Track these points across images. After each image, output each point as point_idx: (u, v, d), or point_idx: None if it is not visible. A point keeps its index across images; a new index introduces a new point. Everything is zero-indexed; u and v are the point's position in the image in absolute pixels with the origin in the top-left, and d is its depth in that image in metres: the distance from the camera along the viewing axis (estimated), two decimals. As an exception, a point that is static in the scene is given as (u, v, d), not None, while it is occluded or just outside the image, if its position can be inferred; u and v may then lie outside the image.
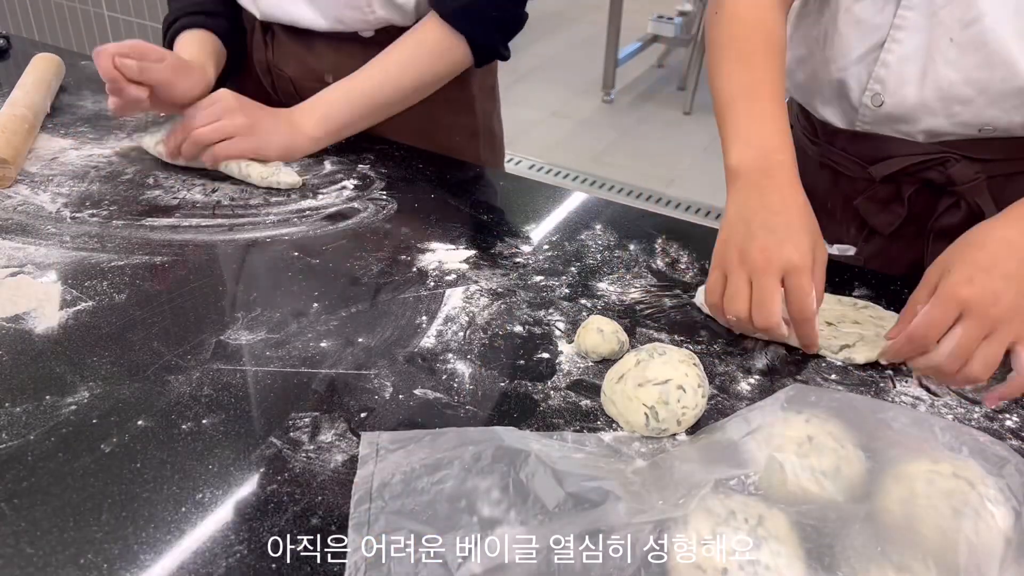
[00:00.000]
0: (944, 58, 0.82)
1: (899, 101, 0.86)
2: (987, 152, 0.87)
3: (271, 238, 0.92)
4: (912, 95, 0.85)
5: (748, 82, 0.82)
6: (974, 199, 0.89)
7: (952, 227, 0.89)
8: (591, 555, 0.52)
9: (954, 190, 0.90)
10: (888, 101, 0.87)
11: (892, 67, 0.85)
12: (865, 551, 0.52)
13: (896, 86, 0.86)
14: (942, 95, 0.84)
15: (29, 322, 0.78)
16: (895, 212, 0.94)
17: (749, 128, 0.79)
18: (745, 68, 0.83)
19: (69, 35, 2.75)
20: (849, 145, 0.95)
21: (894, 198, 0.94)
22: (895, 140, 0.90)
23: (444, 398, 0.70)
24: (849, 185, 0.98)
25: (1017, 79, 0.80)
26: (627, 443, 0.66)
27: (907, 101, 0.86)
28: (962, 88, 0.82)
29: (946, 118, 0.85)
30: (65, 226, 0.93)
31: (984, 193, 0.89)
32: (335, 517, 0.59)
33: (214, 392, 0.70)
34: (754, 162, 0.77)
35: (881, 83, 0.87)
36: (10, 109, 1.08)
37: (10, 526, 0.58)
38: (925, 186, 0.92)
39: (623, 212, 1.00)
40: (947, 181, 0.89)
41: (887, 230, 0.96)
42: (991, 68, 0.80)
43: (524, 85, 3.86)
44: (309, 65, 1.16)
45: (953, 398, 0.72)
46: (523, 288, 0.85)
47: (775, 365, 0.76)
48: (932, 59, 0.83)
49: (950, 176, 0.89)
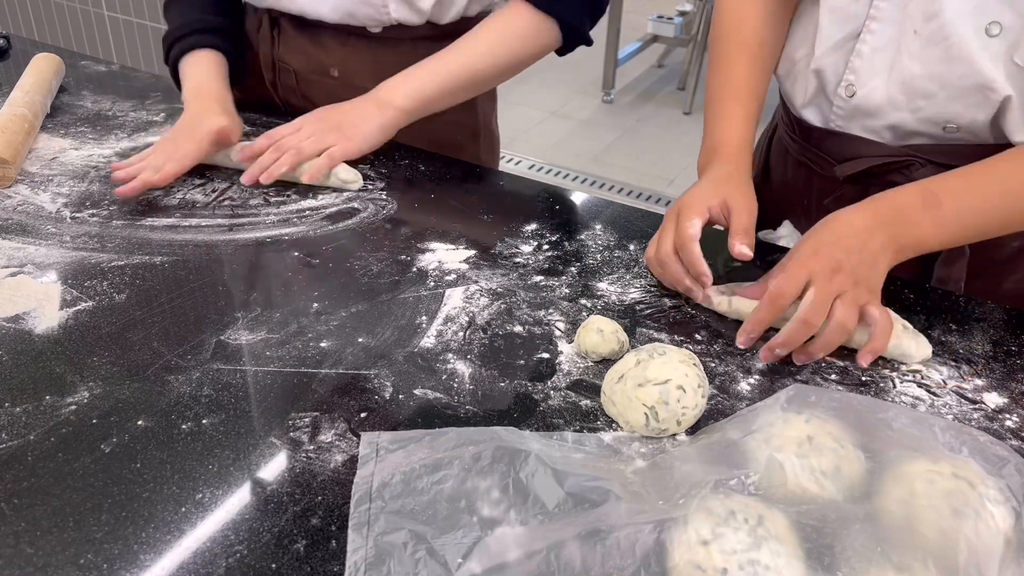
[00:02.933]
0: (909, 51, 0.83)
1: (868, 92, 0.87)
2: (952, 158, 0.87)
3: (271, 238, 0.92)
4: (880, 87, 0.86)
5: (719, 84, 0.93)
6: None
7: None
8: (591, 555, 0.52)
9: None
10: (859, 92, 0.88)
11: (865, 57, 0.86)
12: (865, 551, 0.52)
13: (867, 77, 0.87)
14: (906, 88, 0.85)
15: (29, 322, 0.78)
16: None
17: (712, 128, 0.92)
18: (719, 70, 0.94)
19: (69, 35, 2.75)
20: (821, 143, 0.96)
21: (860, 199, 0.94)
22: (864, 141, 0.91)
23: (444, 398, 0.70)
24: (821, 184, 0.99)
25: (975, 75, 0.80)
26: (627, 443, 0.66)
27: (876, 93, 0.87)
28: (925, 82, 0.83)
29: (910, 112, 0.86)
30: (65, 226, 0.93)
31: None
32: (335, 517, 0.59)
33: (214, 392, 0.70)
34: (704, 162, 0.91)
35: (855, 73, 0.87)
36: (10, 109, 1.08)
37: (10, 526, 0.58)
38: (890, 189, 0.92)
39: (623, 212, 1.00)
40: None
41: None
42: (950, 63, 0.81)
43: (524, 85, 3.86)
44: (315, 59, 1.16)
45: (953, 398, 0.72)
46: (523, 288, 0.85)
47: (775, 365, 0.76)
48: (899, 51, 0.83)
49: (914, 179, 0.89)
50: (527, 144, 3.38)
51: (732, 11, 0.94)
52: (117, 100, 1.24)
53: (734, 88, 0.92)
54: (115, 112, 1.20)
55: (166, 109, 1.22)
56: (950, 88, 0.82)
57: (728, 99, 0.92)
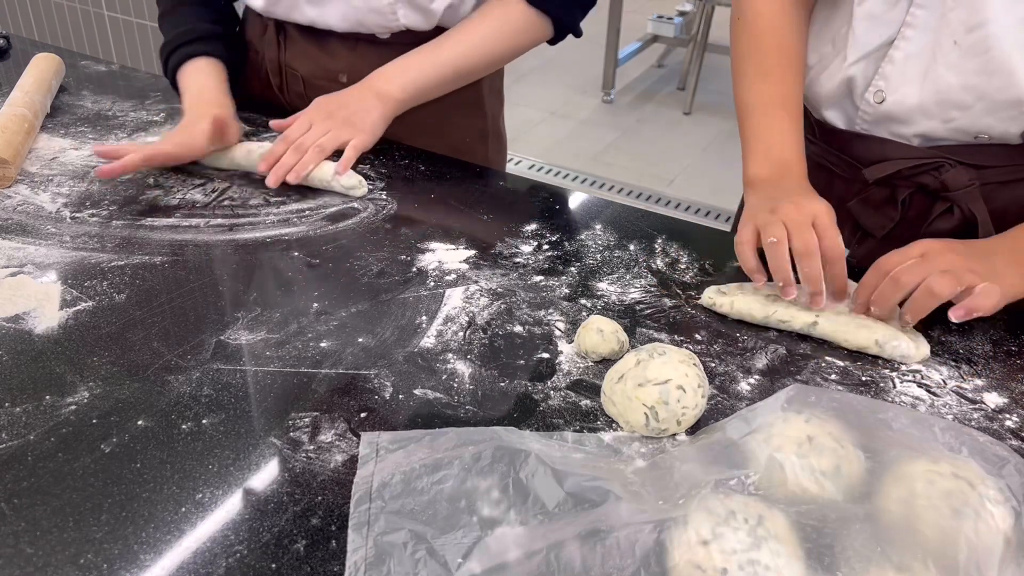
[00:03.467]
0: (946, 60, 0.82)
1: (899, 99, 0.86)
2: (982, 159, 0.87)
3: (271, 238, 0.92)
4: (912, 95, 0.85)
5: (767, 95, 0.88)
6: (968, 205, 0.89)
7: (945, 232, 0.89)
8: (591, 555, 0.52)
9: (948, 196, 0.90)
10: (889, 99, 0.87)
11: (898, 64, 0.85)
12: (865, 551, 0.52)
13: (899, 83, 0.86)
14: (940, 98, 0.84)
15: (29, 322, 0.78)
16: (888, 215, 0.94)
17: (768, 140, 0.86)
18: (763, 80, 0.89)
19: (69, 35, 2.75)
20: (846, 146, 0.95)
21: (888, 201, 0.94)
22: (891, 143, 0.90)
23: (444, 398, 0.70)
24: (843, 187, 0.97)
25: (1015, 89, 0.79)
26: (627, 443, 0.66)
27: (907, 100, 0.86)
28: (960, 93, 0.82)
29: (942, 122, 0.85)
30: (65, 226, 0.93)
31: (978, 200, 0.89)
32: (335, 517, 0.59)
33: (214, 392, 0.70)
34: (769, 175, 0.86)
35: (886, 79, 0.86)
36: (10, 109, 1.08)
37: (10, 526, 0.58)
38: (919, 191, 0.92)
39: (623, 212, 1.00)
40: (941, 187, 0.89)
41: (880, 233, 0.96)
42: (989, 75, 0.80)
43: (524, 85, 3.86)
44: (323, 65, 1.16)
45: (953, 398, 0.72)
46: (523, 288, 0.85)
47: (775, 365, 0.76)
48: (935, 60, 0.82)
49: (944, 182, 0.88)
50: (527, 144, 3.38)
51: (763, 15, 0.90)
52: (117, 100, 1.24)
53: (784, 97, 0.88)
54: (115, 112, 1.20)
55: (166, 109, 1.22)
56: (986, 101, 0.81)
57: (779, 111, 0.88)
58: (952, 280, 0.73)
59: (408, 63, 1.07)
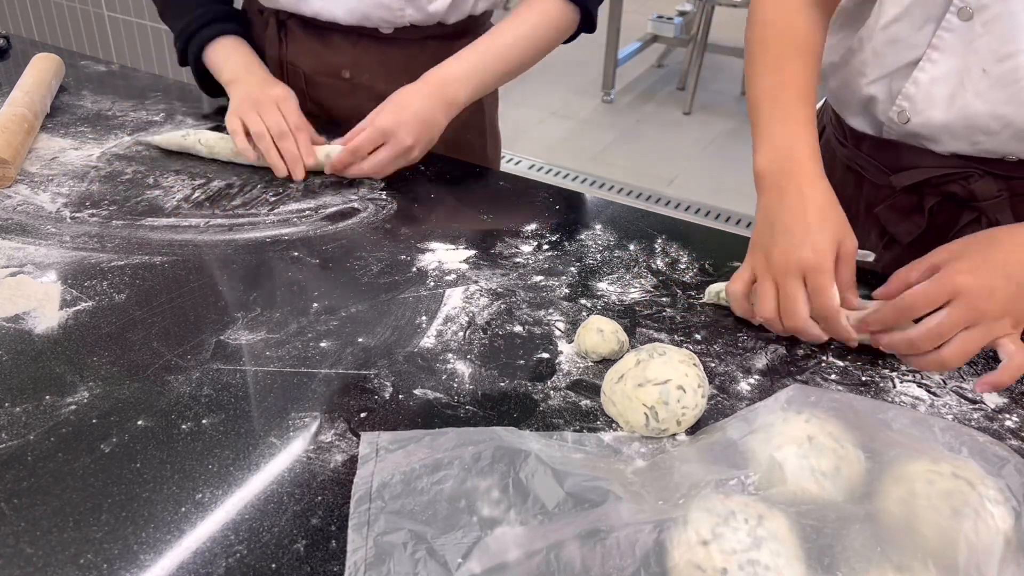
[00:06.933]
0: (975, 88, 0.80)
1: (925, 121, 0.85)
2: (1012, 170, 0.85)
3: (271, 238, 0.92)
4: (938, 117, 0.84)
5: (773, 85, 0.84)
6: (996, 215, 0.88)
7: None
8: (591, 555, 0.52)
9: (976, 205, 0.89)
10: (914, 120, 0.85)
11: (922, 86, 0.84)
12: (865, 551, 0.52)
13: (923, 106, 0.84)
14: (967, 123, 0.82)
15: (29, 322, 0.78)
16: (915, 222, 0.93)
17: (772, 130, 0.82)
18: (772, 72, 0.85)
19: (69, 35, 2.75)
20: (875, 151, 0.94)
21: (915, 208, 0.93)
22: (920, 151, 0.89)
23: (444, 398, 0.70)
24: (872, 191, 0.96)
25: None
26: (627, 443, 0.66)
27: (932, 122, 0.84)
28: (988, 120, 0.81)
29: (969, 144, 0.84)
30: (65, 226, 0.93)
31: (1006, 210, 0.87)
32: (335, 517, 0.59)
33: (214, 392, 0.70)
34: (774, 163, 0.80)
35: (909, 100, 0.85)
36: (10, 109, 1.08)
37: (10, 526, 0.58)
38: (947, 199, 0.90)
39: (623, 212, 1.00)
40: (969, 195, 0.88)
41: (906, 239, 0.94)
42: (1019, 105, 0.78)
43: (524, 85, 3.86)
44: (325, 60, 1.16)
45: (953, 398, 0.72)
46: (523, 288, 0.85)
47: (775, 365, 0.76)
48: (962, 86, 0.81)
49: (972, 191, 0.87)
50: (527, 144, 3.38)
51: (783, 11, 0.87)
52: (117, 100, 1.24)
53: (795, 86, 0.83)
54: (115, 112, 1.21)
55: (166, 109, 1.22)
56: (1014, 128, 0.80)
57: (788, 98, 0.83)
58: (983, 341, 0.70)
59: (474, 64, 1.07)
